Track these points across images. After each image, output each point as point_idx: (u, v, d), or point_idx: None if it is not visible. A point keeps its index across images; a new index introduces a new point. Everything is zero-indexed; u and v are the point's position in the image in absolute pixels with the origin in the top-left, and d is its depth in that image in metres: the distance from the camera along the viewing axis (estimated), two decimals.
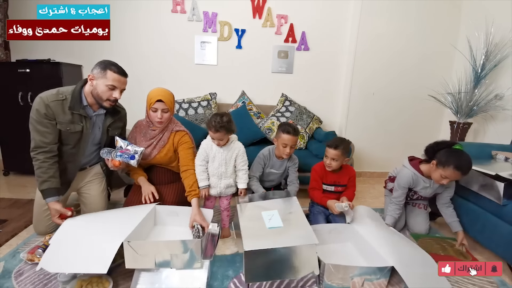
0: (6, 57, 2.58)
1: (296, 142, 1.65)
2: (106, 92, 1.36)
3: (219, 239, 1.55)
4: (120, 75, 1.38)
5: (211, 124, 1.42)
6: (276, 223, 1.30)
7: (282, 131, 1.62)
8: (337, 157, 1.59)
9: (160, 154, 1.57)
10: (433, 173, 1.48)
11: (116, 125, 1.58)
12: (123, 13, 2.55)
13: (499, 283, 1.30)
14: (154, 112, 1.47)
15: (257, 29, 2.67)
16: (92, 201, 1.57)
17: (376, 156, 2.92)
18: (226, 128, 1.43)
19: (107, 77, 1.35)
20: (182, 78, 2.71)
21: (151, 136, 1.56)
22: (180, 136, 1.60)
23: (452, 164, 1.37)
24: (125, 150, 1.45)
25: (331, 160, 1.61)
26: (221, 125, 1.41)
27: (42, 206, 1.48)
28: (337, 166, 1.63)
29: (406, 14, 2.63)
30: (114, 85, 1.36)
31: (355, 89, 2.75)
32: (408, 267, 1.16)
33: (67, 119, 1.36)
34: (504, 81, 2.27)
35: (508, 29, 2.18)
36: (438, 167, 1.44)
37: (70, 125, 1.37)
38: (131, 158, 1.41)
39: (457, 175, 1.40)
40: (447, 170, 1.39)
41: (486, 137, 2.42)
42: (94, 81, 1.37)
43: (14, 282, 1.17)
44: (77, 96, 1.38)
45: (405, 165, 1.65)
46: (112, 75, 1.35)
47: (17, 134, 2.36)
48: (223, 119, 1.42)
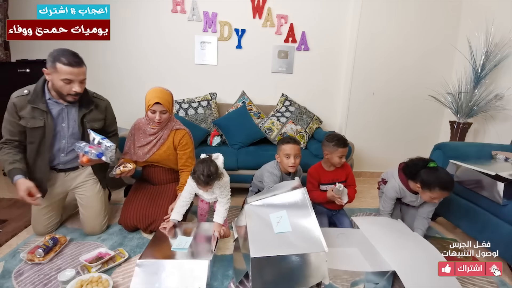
0: (6, 57, 2.57)
1: (299, 151, 1.64)
2: (64, 87, 1.28)
3: (219, 239, 1.55)
4: (72, 67, 1.26)
5: (199, 181, 1.34)
6: (284, 227, 1.21)
7: (281, 143, 1.64)
8: (345, 153, 1.62)
9: (159, 151, 1.58)
10: (422, 195, 1.48)
11: (93, 117, 1.47)
12: (123, 13, 2.55)
13: (499, 283, 1.31)
14: (153, 113, 1.48)
15: (257, 29, 2.67)
16: (88, 202, 1.54)
17: (376, 156, 2.92)
18: (214, 180, 1.36)
19: (58, 72, 1.25)
20: (182, 78, 2.71)
21: (150, 133, 1.57)
22: (181, 135, 1.60)
23: (437, 186, 1.39)
24: (95, 145, 1.35)
25: (341, 158, 1.61)
26: (209, 180, 1.33)
27: (39, 206, 1.48)
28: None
29: (406, 14, 2.63)
30: (69, 78, 1.26)
31: (355, 89, 2.75)
32: (412, 271, 1.16)
33: (28, 114, 1.32)
34: (504, 81, 2.27)
35: (508, 29, 2.18)
36: (424, 190, 1.44)
37: (31, 120, 1.32)
38: (98, 156, 1.32)
39: (445, 194, 1.41)
40: (434, 192, 1.41)
41: (486, 137, 2.42)
42: (49, 76, 1.29)
43: (14, 282, 1.17)
44: (39, 90, 1.34)
45: (394, 176, 1.64)
46: (63, 68, 1.24)
47: None
48: (211, 172, 1.32)
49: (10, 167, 1.29)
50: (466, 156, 1.71)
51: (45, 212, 1.50)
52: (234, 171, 2.06)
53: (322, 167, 1.69)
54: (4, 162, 1.32)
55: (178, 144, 1.60)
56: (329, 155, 1.62)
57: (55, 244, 1.38)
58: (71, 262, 1.31)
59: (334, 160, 1.61)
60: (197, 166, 1.36)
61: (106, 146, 1.34)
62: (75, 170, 1.54)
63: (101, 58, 2.59)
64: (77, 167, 1.54)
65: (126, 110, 1.69)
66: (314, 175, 1.67)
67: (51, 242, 1.36)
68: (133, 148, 1.61)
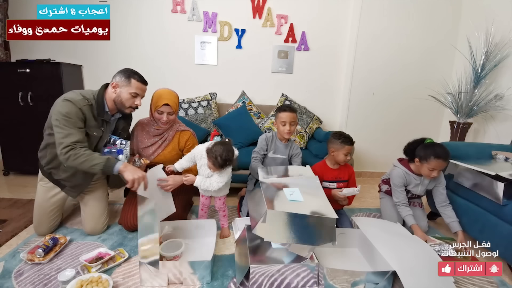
0: (6, 57, 2.58)
1: (295, 119, 1.70)
2: (130, 100, 1.43)
3: (219, 239, 1.55)
4: (143, 84, 1.46)
5: (215, 162, 1.35)
6: (297, 197, 1.28)
7: (278, 111, 1.70)
8: (351, 151, 1.64)
9: (164, 152, 1.59)
10: (421, 169, 1.60)
11: (125, 127, 1.62)
12: (123, 13, 2.55)
13: (499, 283, 1.31)
14: (160, 114, 1.50)
15: (257, 29, 2.67)
16: (92, 202, 1.56)
17: (376, 156, 2.92)
18: (229, 165, 1.39)
19: (131, 85, 1.41)
20: (182, 78, 2.71)
21: (155, 134, 1.58)
22: (187, 137, 1.62)
23: (432, 155, 1.52)
24: (112, 145, 1.43)
25: (346, 156, 1.63)
26: (224, 164, 1.35)
27: (44, 207, 1.49)
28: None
29: (406, 14, 2.63)
30: (137, 92, 1.43)
31: (355, 89, 2.75)
32: (412, 272, 1.16)
33: (93, 123, 1.39)
34: (504, 81, 2.27)
35: (508, 29, 2.18)
36: (422, 162, 1.58)
37: (96, 129, 1.41)
38: (119, 153, 1.40)
39: (440, 163, 1.52)
40: (431, 162, 1.53)
41: (486, 137, 2.42)
42: (118, 89, 1.42)
43: (14, 282, 1.16)
44: (101, 102, 1.42)
45: (395, 164, 1.75)
46: (136, 83, 1.42)
47: (17, 134, 2.38)
48: (229, 157, 1.35)
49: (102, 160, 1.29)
50: (466, 156, 1.71)
51: (51, 214, 1.51)
52: (234, 171, 2.05)
53: (326, 165, 1.71)
54: (92, 164, 1.28)
55: (185, 146, 1.63)
56: (335, 152, 1.63)
57: (55, 244, 1.38)
58: (71, 262, 1.31)
59: (340, 158, 1.62)
60: (216, 146, 1.36)
61: (121, 143, 1.43)
62: None
63: (101, 58, 2.60)
64: None
65: None
66: (317, 172, 1.67)
67: (51, 242, 1.36)
68: (138, 149, 1.62)
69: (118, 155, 1.39)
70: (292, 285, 1.19)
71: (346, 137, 1.64)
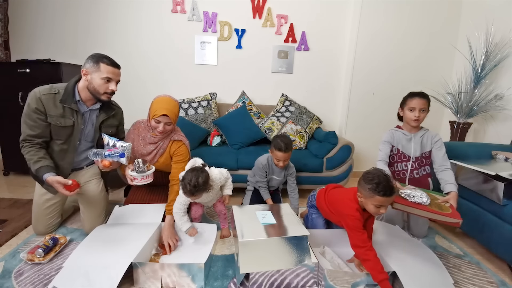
0: (6, 57, 2.58)
1: (289, 158, 1.76)
2: (103, 85, 1.37)
3: (219, 239, 1.55)
4: (114, 67, 1.39)
5: (185, 190, 1.29)
6: (270, 220, 1.34)
7: (274, 147, 1.71)
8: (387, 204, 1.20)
9: (157, 163, 1.56)
10: (404, 116, 1.75)
11: (110, 123, 1.56)
12: (123, 13, 2.55)
13: (499, 283, 1.30)
14: (157, 123, 1.44)
15: (257, 29, 2.67)
16: (91, 202, 1.56)
17: (376, 156, 2.90)
18: (200, 191, 1.31)
19: (101, 70, 1.35)
20: (182, 78, 2.70)
21: (151, 141, 1.53)
22: (177, 146, 1.56)
23: (408, 96, 1.73)
24: (112, 148, 1.37)
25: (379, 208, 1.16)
26: (195, 190, 1.29)
27: (41, 206, 1.49)
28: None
29: (406, 14, 2.63)
30: (109, 77, 1.37)
31: (355, 89, 2.75)
32: (412, 272, 1.16)
33: (58, 112, 1.36)
34: (504, 81, 2.27)
35: (508, 29, 2.18)
36: (403, 108, 1.76)
37: (61, 119, 1.37)
38: (121, 156, 1.34)
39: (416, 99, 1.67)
40: (408, 103, 1.71)
41: (486, 137, 2.42)
42: (88, 75, 1.37)
43: (14, 282, 1.17)
44: (70, 90, 1.38)
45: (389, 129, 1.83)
46: (106, 67, 1.36)
47: (17, 134, 2.36)
48: (198, 183, 1.28)
49: (36, 166, 1.30)
50: (466, 156, 1.72)
51: (47, 212, 1.51)
52: (234, 171, 2.06)
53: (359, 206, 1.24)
54: (29, 162, 1.32)
55: (173, 154, 1.56)
56: (363, 199, 1.20)
57: (55, 244, 1.38)
58: None
59: (369, 208, 1.18)
60: (186, 174, 1.32)
61: (122, 146, 1.37)
62: (80, 169, 1.57)
63: None
64: (82, 167, 1.57)
65: (125, 110, 1.68)
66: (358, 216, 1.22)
67: (51, 242, 1.36)
68: (134, 153, 1.58)
69: (120, 158, 1.34)
70: (292, 285, 1.20)
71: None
